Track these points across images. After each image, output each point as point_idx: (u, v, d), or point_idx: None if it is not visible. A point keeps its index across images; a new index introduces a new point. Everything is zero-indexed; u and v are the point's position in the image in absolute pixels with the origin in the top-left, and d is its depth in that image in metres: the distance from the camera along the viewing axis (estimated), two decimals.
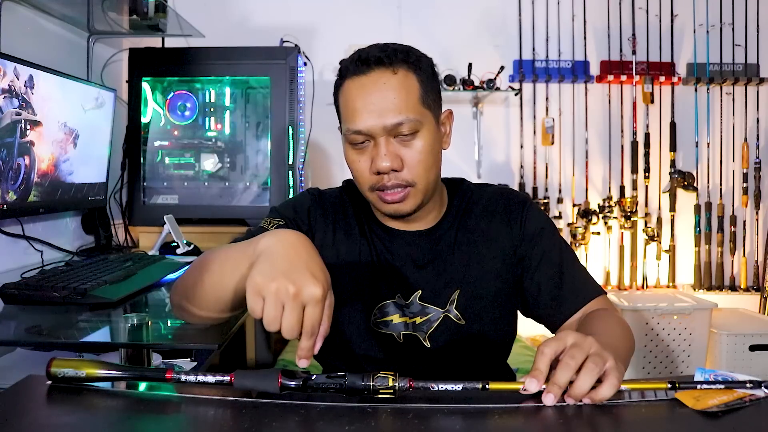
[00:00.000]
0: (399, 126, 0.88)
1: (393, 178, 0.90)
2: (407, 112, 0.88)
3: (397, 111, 0.88)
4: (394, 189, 0.91)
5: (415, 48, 0.96)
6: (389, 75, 0.89)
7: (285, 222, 0.99)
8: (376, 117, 0.88)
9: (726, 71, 2.83)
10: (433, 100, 0.93)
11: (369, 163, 0.91)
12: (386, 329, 0.99)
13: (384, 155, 0.89)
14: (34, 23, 1.81)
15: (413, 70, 0.91)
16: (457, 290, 0.98)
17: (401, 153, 0.90)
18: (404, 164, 0.90)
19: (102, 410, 0.63)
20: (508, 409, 0.62)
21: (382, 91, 0.88)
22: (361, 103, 0.89)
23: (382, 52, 0.90)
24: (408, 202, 0.93)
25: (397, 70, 0.89)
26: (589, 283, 1.00)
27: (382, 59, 0.89)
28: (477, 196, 1.05)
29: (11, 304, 1.19)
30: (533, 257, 0.99)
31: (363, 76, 0.89)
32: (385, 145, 0.89)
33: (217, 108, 2.25)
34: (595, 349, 0.65)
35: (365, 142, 0.91)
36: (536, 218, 1.02)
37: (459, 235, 1.01)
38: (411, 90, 0.90)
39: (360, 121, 0.89)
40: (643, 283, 2.87)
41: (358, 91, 0.90)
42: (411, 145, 0.90)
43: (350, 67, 0.91)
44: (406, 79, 0.90)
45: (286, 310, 0.65)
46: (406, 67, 0.90)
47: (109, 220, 2.11)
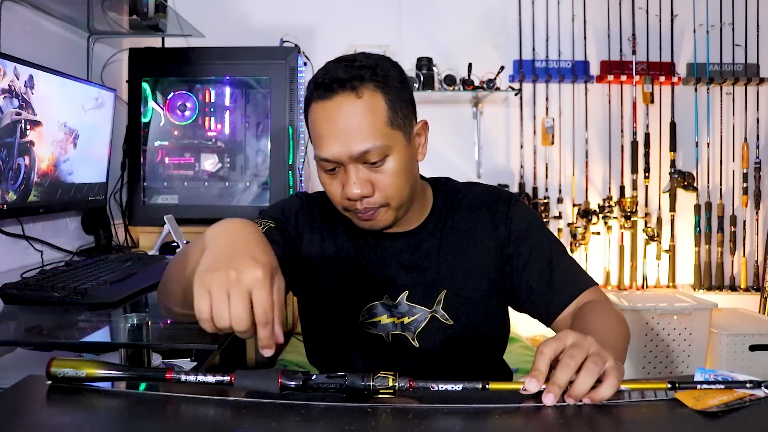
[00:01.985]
0: (366, 154, 0.86)
1: (365, 203, 0.89)
2: (374, 138, 0.85)
3: (363, 138, 0.85)
4: (367, 212, 0.90)
5: (385, 60, 0.91)
6: (353, 99, 0.85)
7: (275, 224, 0.99)
8: (342, 145, 0.85)
9: (726, 71, 2.83)
10: (403, 117, 0.89)
11: (341, 188, 0.89)
12: (375, 330, 0.99)
13: (353, 183, 0.87)
14: (34, 23, 1.81)
15: (380, 90, 0.86)
16: (444, 291, 0.98)
17: (372, 178, 0.88)
18: (375, 188, 0.88)
19: (102, 410, 0.63)
20: (508, 409, 0.62)
21: (347, 118, 0.85)
22: (326, 129, 0.86)
23: (347, 72, 0.86)
24: (382, 220, 0.92)
25: (361, 93, 0.85)
26: (580, 275, 1.00)
27: (345, 82, 0.85)
28: (462, 196, 1.04)
29: (11, 304, 1.19)
30: (522, 254, 0.99)
31: (327, 100, 0.86)
32: (354, 173, 0.87)
33: (217, 108, 2.25)
34: (595, 348, 0.65)
35: (335, 168, 0.89)
36: (522, 215, 1.01)
37: (444, 235, 1.00)
38: (377, 113, 0.86)
39: (326, 149, 0.86)
40: (643, 283, 2.87)
41: (323, 117, 0.86)
42: (381, 170, 0.88)
43: (317, 88, 0.87)
44: (372, 101, 0.86)
45: (231, 298, 0.60)
46: (373, 86, 0.86)
47: (109, 220, 2.11)
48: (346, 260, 1.00)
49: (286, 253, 0.98)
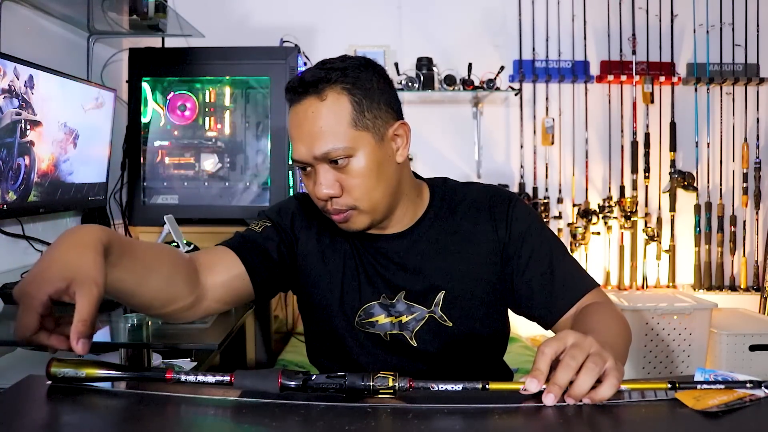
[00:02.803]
0: (327, 154, 0.87)
1: (334, 204, 0.91)
2: (334, 140, 0.87)
3: (323, 140, 0.86)
4: (337, 212, 0.92)
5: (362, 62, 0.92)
6: (317, 102, 0.87)
7: (271, 223, 1.00)
8: (306, 147, 0.88)
9: (726, 71, 2.83)
10: (372, 117, 0.89)
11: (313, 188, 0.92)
12: (373, 329, 0.99)
13: (320, 183, 0.89)
14: (34, 23, 1.81)
15: (346, 91, 0.87)
16: (442, 292, 0.98)
17: (339, 178, 0.89)
18: (343, 189, 0.90)
19: (102, 410, 0.63)
20: (508, 409, 0.62)
21: (310, 121, 0.87)
22: (295, 132, 0.89)
23: (314, 75, 0.88)
24: (354, 222, 0.93)
25: (325, 96, 0.87)
26: (582, 277, 0.99)
27: (311, 85, 0.87)
28: (461, 196, 1.03)
29: (11, 304, 1.19)
30: (522, 256, 0.98)
31: (297, 104, 0.89)
32: (322, 174, 0.89)
33: (217, 108, 2.25)
34: (595, 348, 0.65)
35: (306, 168, 0.91)
36: (522, 216, 1.00)
37: (442, 235, 1.00)
38: (340, 115, 0.87)
39: (295, 151, 0.90)
40: (643, 283, 2.87)
41: (293, 120, 0.90)
42: (347, 171, 0.89)
43: (291, 90, 0.90)
44: (335, 104, 0.87)
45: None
46: (339, 89, 0.87)
47: (109, 220, 2.12)
48: (342, 260, 1.00)
49: (282, 250, 0.99)
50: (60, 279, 0.63)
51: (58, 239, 0.68)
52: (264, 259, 0.96)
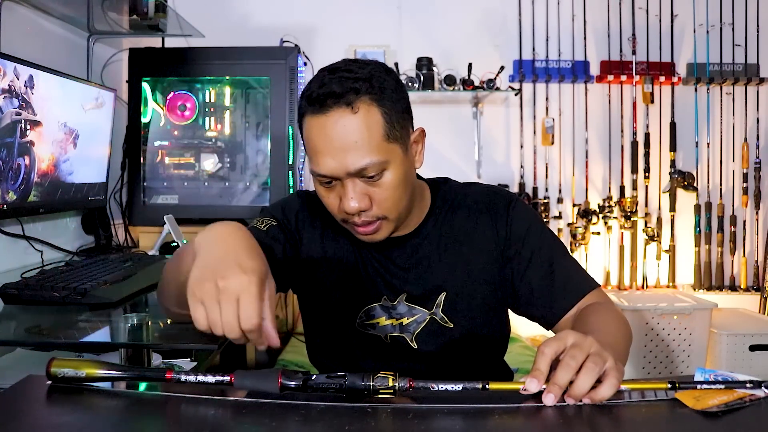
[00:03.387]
0: (363, 170, 0.84)
1: (363, 216, 0.88)
2: (371, 154, 0.83)
3: (359, 155, 0.83)
4: (365, 225, 0.89)
5: (379, 68, 0.88)
6: (349, 115, 0.82)
7: (276, 222, 0.99)
8: (338, 161, 0.83)
9: (726, 71, 2.83)
10: (400, 128, 0.87)
11: (338, 201, 0.88)
12: (373, 331, 0.99)
13: (351, 198, 0.85)
14: (34, 23, 1.81)
15: (376, 102, 0.84)
16: (443, 293, 0.98)
17: (369, 191, 0.87)
18: (373, 202, 0.87)
19: (102, 410, 0.63)
20: (508, 409, 0.62)
21: (343, 134, 0.82)
22: (322, 145, 0.84)
23: (341, 86, 0.83)
24: (380, 233, 0.91)
25: (357, 108, 0.82)
26: (582, 277, 0.99)
27: (340, 96, 0.82)
28: (461, 197, 1.03)
29: (11, 304, 1.19)
30: (522, 257, 0.98)
31: (322, 115, 0.83)
32: (352, 188, 0.86)
33: (217, 108, 2.25)
34: (596, 348, 0.65)
35: (331, 181, 0.87)
36: (522, 217, 1.00)
37: (443, 237, 1.00)
38: (374, 128, 0.83)
39: (323, 165, 0.85)
40: (643, 283, 2.87)
41: (319, 132, 0.84)
42: (379, 184, 0.86)
43: (311, 100, 0.84)
44: (368, 115, 0.83)
45: (222, 307, 0.63)
46: (368, 100, 0.83)
47: (109, 220, 2.11)
48: (344, 261, 1.00)
49: (287, 251, 0.98)
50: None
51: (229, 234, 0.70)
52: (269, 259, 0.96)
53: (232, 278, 0.63)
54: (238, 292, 0.63)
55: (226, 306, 0.62)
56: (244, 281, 0.63)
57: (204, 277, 0.64)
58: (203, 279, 0.64)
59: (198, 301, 0.63)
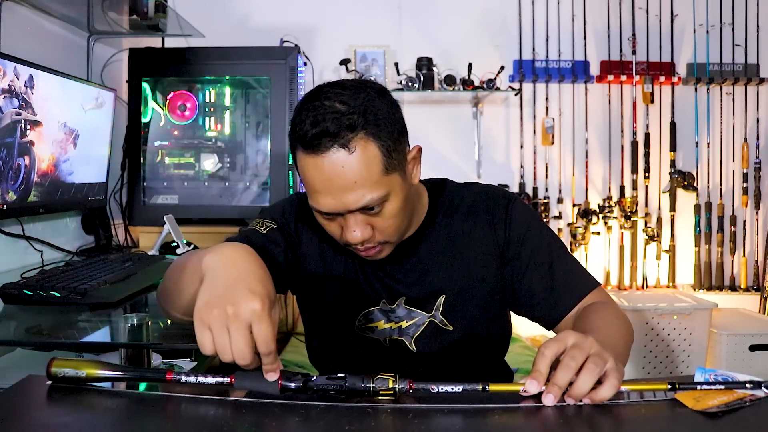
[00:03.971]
0: (365, 207, 0.83)
1: (365, 243, 0.88)
2: (371, 192, 0.82)
3: (360, 194, 0.82)
4: (368, 250, 0.89)
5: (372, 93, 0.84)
6: (345, 156, 0.80)
7: (276, 225, 0.98)
8: (338, 201, 0.82)
9: (726, 71, 2.83)
10: (398, 155, 0.85)
11: (340, 230, 0.88)
12: (372, 335, 0.99)
13: (353, 231, 0.85)
14: (34, 23, 1.81)
15: (372, 137, 0.81)
16: (443, 296, 0.97)
17: (371, 221, 0.86)
18: (375, 230, 0.87)
19: (102, 410, 0.63)
20: (508, 409, 0.62)
21: (340, 175, 0.80)
22: (319, 185, 0.82)
23: (335, 124, 0.79)
24: (383, 253, 0.91)
25: (353, 147, 0.80)
26: (583, 277, 0.98)
27: (335, 136, 0.79)
28: (459, 198, 1.02)
29: (11, 304, 1.19)
30: (522, 258, 0.97)
31: (317, 156, 0.80)
32: (354, 222, 0.85)
33: (217, 108, 2.25)
34: (596, 349, 0.65)
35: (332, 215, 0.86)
36: (521, 217, 0.99)
37: (441, 239, 0.99)
38: (372, 164, 0.81)
39: (322, 204, 0.84)
40: (643, 283, 2.87)
41: (315, 173, 0.82)
42: (381, 214, 0.86)
43: (303, 137, 0.81)
44: (365, 152, 0.80)
45: (232, 334, 0.62)
46: (364, 135, 0.80)
47: (109, 220, 2.11)
48: (343, 265, 0.99)
49: (287, 254, 0.97)
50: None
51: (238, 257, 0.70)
52: (269, 264, 0.95)
53: (242, 304, 0.62)
54: (249, 318, 0.62)
55: (237, 333, 0.62)
56: (255, 307, 0.62)
57: (213, 303, 0.63)
58: (212, 305, 0.63)
59: (205, 327, 0.63)
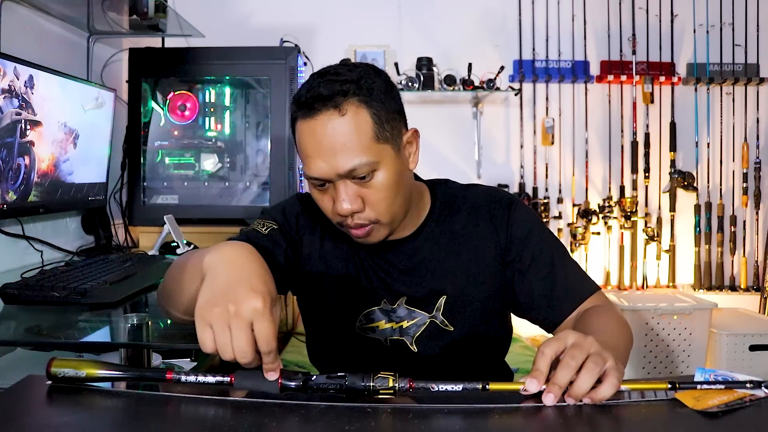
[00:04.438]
0: (353, 171, 0.84)
1: (356, 218, 0.88)
2: (360, 155, 0.83)
3: (349, 156, 0.83)
4: (358, 227, 0.89)
5: (369, 70, 0.88)
6: (337, 117, 0.83)
7: (277, 225, 0.98)
8: (328, 163, 0.84)
9: (726, 71, 2.83)
10: (390, 129, 0.87)
11: (332, 203, 0.88)
12: (373, 335, 0.99)
13: (343, 200, 0.86)
14: (34, 23, 1.81)
15: (364, 104, 0.84)
16: (444, 297, 0.97)
17: (362, 193, 0.87)
18: (365, 204, 0.87)
19: (102, 410, 0.63)
20: (508, 409, 0.62)
21: (331, 136, 0.83)
22: (311, 148, 0.85)
23: (328, 88, 0.83)
24: (374, 236, 0.91)
25: (345, 110, 0.83)
26: (583, 280, 0.98)
27: (328, 99, 0.83)
28: (461, 199, 1.02)
29: (11, 304, 1.19)
30: (523, 260, 0.97)
31: (311, 119, 0.84)
32: (344, 190, 0.86)
33: (217, 108, 2.25)
34: (596, 348, 0.65)
35: (324, 184, 0.87)
36: (523, 219, 0.99)
37: (443, 239, 0.99)
38: (362, 129, 0.84)
39: (314, 168, 0.85)
40: (643, 283, 2.87)
41: (308, 136, 0.85)
42: (370, 185, 0.86)
43: (300, 105, 0.85)
44: (356, 117, 0.83)
45: (233, 331, 0.62)
46: (357, 101, 0.84)
47: (109, 220, 2.11)
48: (344, 265, 0.99)
49: (288, 255, 0.97)
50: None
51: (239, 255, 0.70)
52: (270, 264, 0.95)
53: (244, 302, 0.62)
54: (250, 316, 0.62)
55: (238, 331, 0.62)
56: (257, 305, 0.62)
57: (214, 301, 0.63)
58: (213, 303, 0.63)
59: (206, 325, 0.63)
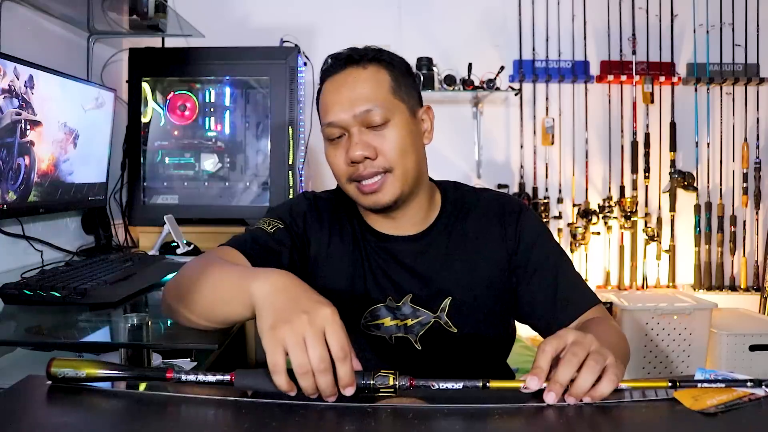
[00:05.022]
0: (368, 113, 0.91)
1: (368, 166, 0.92)
2: (376, 100, 0.91)
3: (365, 100, 0.91)
4: (372, 179, 0.92)
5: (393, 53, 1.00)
6: (360, 70, 0.94)
7: (284, 225, 0.99)
8: (346, 108, 0.92)
9: (726, 71, 2.83)
10: (406, 93, 0.96)
11: (345, 155, 0.93)
12: (378, 332, 0.99)
13: (356, 144, 0.91)
14: (34, 23, 1.81)
15: (384, 66, 0.95)
16: (449, 298, 0.98)
17: (375, 143, 0.92)
18: (378, 153, 0.92)
19: (102, 410, 0.63)
20: (508, 410, 0.62)
21: (352, 84, 0.93)
22: (333, 97, 0.94)
23: (356, 53, 0.95)
24: (386, 190, 0.93)
25: (367, 66, 0.94)
26: (585, 292, 1.00)
27: (353, 58, 0.95)
28: (472, 202, 1.04)
29: (11, 304, 1.19)
30: (528, 267, 0.99)
31: (336, 75, 0.95)
32: (358, 135, 0.92)
33: (217, 108, 2.25)
34: (596, 346, 0.65)
35: (341, 136, 0.94)
36: (532, 226, 1.01)
37: (451, 241, 1.00)
38: (381, 82, 0.93)
39: (332, 114, 0.93)
40: (643, 283, 2.87)
41: (332, 88, 0.95)
42: (384, 135, 0.92)
43: (327, 69, 0.97)
44: (376, 73, 0.94)
45: (309, 342, 0.61)
46: (377, 63, 0.95)
47: (109, 220, 2.11)
48: (351, 262, 1.00)
49: (293, 255, 0.98)
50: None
51: (288, 282, 0.70)
52: (275, 265, 0.95)
53: (315, 310, 0.63)
54: (323, 323, 0.62)
55: (314, 339, 0.61)
56: (327, 312, 0.63)
57: (283, 319, 0.62)
58: (283, 321, 0.62)
59: (278, 344, 0.61)
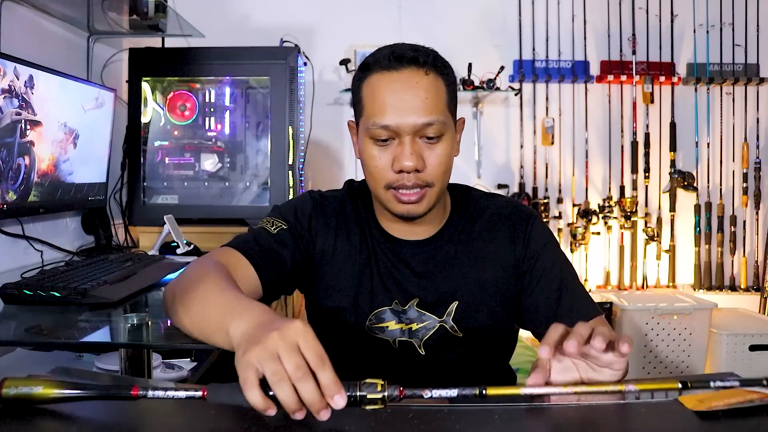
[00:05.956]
0: (428, 127, 0.88)
1: (414, 178, 0.89)
2: (437, 113, 0.88)
3: (428, 111, 0.88)
4: (413, 189, 0.90)
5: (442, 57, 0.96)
6: (422, 75, 0.88)
7: (287, 226, 0.98)
8: (406, 115, 0.87)
9: (726, 71, 2.83)
10: (454, 106, 0.95)
11: (390, 161, 0.90)
12: (382, 335, 0.98)
13: (410, 154, 0.88)
14: (34, 23, 1.81)
15: (441, 75, 0.91)
16: (455, 303, 0.98)
17: (425, 154, 0.90)
18: (426, 165, 0.90)
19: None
20: (509, 410, 0.62)
21: (414, 90, 0.88)
22: (391, 98, 0.88)
23: (415, 51, 0.90)
24: (423, 203, 0.92)
25: (429, 72, 0.89)
26: (587, 304, 0.99)
27: (416, 58, 0.89)
28: (482, 208, 1.03)
29: (11, 304, 1.19)
30: (533, 274, 0.99)
31: (394, 71, 0.88)
32: (411, 144, 0.88)
33: (217, 108, 2.25)
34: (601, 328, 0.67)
35: (389, 139, 0.90)
36: (540, 236, 1.01)
37: (459, 246, 1.00)
38: (440, 93, 0.90)
39: (389, 117, 0.88)
40: (643, 283, 2.87)
41: (389, 86, 0.88)
42: (434, 148, 0.90)
43: (381, 60, 0.89)
44: (436, 81, 0.90)
45: (282, 354, 0.57)
46: (436, 70, 0.90)
47: (109, 220, 2.11)
48: (358, 263, 0.99)
49: (296, 256, 0.97)
50: None
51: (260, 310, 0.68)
52: (277, 267, 0.95)
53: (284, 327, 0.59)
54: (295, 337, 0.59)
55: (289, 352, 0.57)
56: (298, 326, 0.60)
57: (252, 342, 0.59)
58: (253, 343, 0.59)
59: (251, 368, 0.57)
